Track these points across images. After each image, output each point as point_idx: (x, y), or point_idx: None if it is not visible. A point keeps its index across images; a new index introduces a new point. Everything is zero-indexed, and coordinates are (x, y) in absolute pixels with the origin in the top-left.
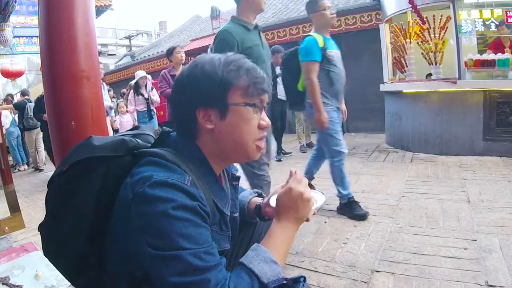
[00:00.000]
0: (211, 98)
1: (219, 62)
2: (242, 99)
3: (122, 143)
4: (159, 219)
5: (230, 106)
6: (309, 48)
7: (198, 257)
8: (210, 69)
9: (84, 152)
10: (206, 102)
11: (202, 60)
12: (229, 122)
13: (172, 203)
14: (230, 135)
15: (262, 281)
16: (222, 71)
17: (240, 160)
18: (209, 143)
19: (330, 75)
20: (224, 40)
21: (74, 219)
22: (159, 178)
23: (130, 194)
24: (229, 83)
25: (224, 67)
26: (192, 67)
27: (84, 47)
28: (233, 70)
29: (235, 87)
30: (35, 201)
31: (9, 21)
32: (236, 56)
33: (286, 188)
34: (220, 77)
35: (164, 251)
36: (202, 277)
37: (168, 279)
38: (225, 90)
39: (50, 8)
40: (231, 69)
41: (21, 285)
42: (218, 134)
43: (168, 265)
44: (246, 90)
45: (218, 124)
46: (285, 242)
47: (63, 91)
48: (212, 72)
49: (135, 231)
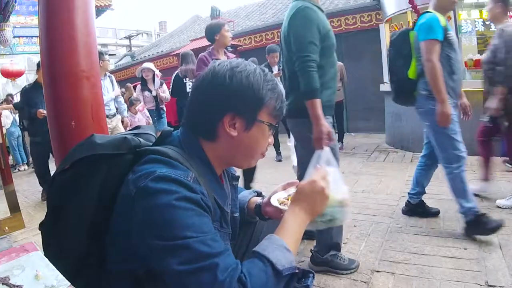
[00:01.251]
0: (245, 109)
1: (260, 76)
2: (268, 119)
3: (124, 141)
4: (163, 211)
5: (257, 122)
6: (431, 25)
7: (205, 244)
8: (255, 81)
9: (86, 150)
10: (239, 111)
11: (246, 68)
12: (251, 135)
13: (175, 194)
14: (247, 146)
15: (276, 267)
16: (263, 87)
17: (241, 166)
18: (222, 147)
19: (451, 62)
20: (307, 18)
21: (75, 218)
22: (162, 173)
23: (133, 189)
24: (265, 101)
25: (264, 84)
26: (237, 72)
27: (84, 47)
28: (270, 90)
29: (267, 106)
30: (35, 201)
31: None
32: (270, 75)
33: (310, 179)
34: (262, 93)
35: (171, 241)
36: (210, 261)
37: (177, 268)
38: (260, 106)
39: (50, 8)
40: (269, 88)
41: (21, 285)
42: (237, 142)
43: (176, 255)
44: (273, 111)
45: (240, 134)
46: (297, 232)
47: (63, 91)
48: (256, 85)
49: (140, 226)
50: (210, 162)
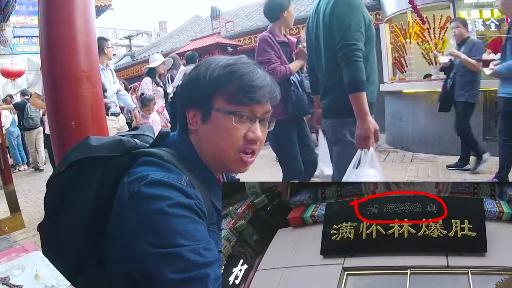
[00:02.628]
0: (196, 101)
1: (215, 65)
2: (226, 106)
3: (119, 144)
4: (156, 217)
5: (213, 111)
6: None
7: (197, 253)
8: (201, 71)
9: (81, 153)
10: (192, 104)
11: (203, 62)
12: (210, 127)
13: (168, 201)
14: (209, 140)
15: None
16: (210, 74)
17: (222, 170)
18: (196, 143)
19: None
20: (353, 4)
21: (72, 220)
22: (155, 177)
23: (127, 194)
24: (214, 87)
25: (216, 71)
26: (194, 68)
27: (84, 47)
28: (223, 75)
29: (221, 93)
30: (35, 201)
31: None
32: (239, 61)
33: None
34: (207, 81)
35: (163, 249)
36: (201, 272)
37: (168, 276)
38: (208, 94)
39: (50, 8)
40: (221, 73)
41: (21, 285)
42: (201, 136)
43: (167, 263)
44: (232, 97)
45: (201, 127)
46: None
47: (63, 91)
48: (202, 75)
49: (133, 230)
50: (205, 163)
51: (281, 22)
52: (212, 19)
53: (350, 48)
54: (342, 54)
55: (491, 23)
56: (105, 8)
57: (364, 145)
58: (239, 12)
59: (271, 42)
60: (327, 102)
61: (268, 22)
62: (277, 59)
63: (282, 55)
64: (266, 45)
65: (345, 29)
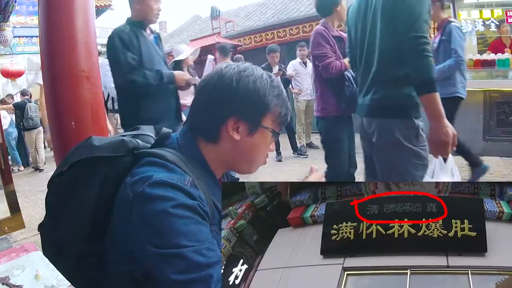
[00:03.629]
0: (250, 114)
1: (267, 82)
2: (272, 125)
3: (121, 144)
4: (159, 218)
5: (261, 127)
6: None
7: (200, 253)
8: (261, 87)
9: (83, 153)
10: (243, 115)
11: (253, 73)
12: (253, 140)
13: (171, 201)
14: (248, 151)
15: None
16: (269, 93)
17: (241, 171)
18: (224, 150)
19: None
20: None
21: (73, 220)
22: (159, 178)
23: (130, 194)
24: (271, 107)
25: (271, 89)
26: (244, 76)
27: (84, 47)
28: (276, 96)
29: (272, 112)
30: (35, 201)
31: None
32: (277, 81)
33: None
34: (268, 99)
35: (166, 249)
36: (204, 273)
37: (171, 277)
38: (265, 111)
39: (50, 8)
40: (275, 94)
41: (21, 285)
42: (239, 146)
43: (170, 263)
44: (277, 118)
45: (243, 138)
46: None
47: (63, 91)
48: (263, 91)
49: (136, 231)
50: (208, 165)
51: (334, 17)
52: (212, 19)
53: (420, 41)
54: (410, 48)
55: (491, 23)
56: (105, 8)
57: (442, 151)
58: (239, 12)
59: (327, 36)
60: (376, 99)
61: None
62: (333, 53)
63: (337, 50)
64: (321, 39)
65: (413, 19)
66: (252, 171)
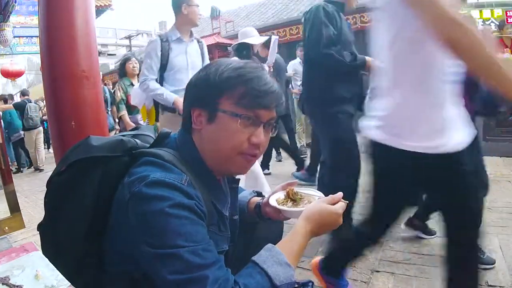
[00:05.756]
0: (203, 100)
1: (225, 67)
2: (232, 108)
3: (120, 143)
4: (156, 218)
5: (219, 112)
6: None
7: (196, 254)
8: (211, 72)
9: (81, 152)
10: (199, 103)
11: (213, 63)
12: (215, 128)
13: (168, 201)
14: (212, 140)
15: (274, 283)
16: (219, 76)
17: (222, 171)
18: (199, 143)
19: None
20: None
21: (72, 219)
22: (156, 178)
23: (127, 194)
24: (222, 89)
25: (226, 72)
26: (205, 67)
27: (84, 47)
28: (232, 77)
29: (228, 95)
30: (35, 201)
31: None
32: (248, 65)
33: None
34: (216, 82)
35: (162, 249)
36: (200, 273)
37: (167, 277)
38: (216, 95)
39: (50, 8)
40: (230, 75)
41: (21, 285)
42: (204, 137)
43: (167, 264)
44: (239, 100)
45: (205, 127)
46: (302, 248)
47: (63, 91)
48: (212, 76)
49: (133, 230)
50: (207, 165)
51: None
52: (212, 19)
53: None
54: None
55: (491, 23)
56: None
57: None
58: (239, 12)
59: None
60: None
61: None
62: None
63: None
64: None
65: None
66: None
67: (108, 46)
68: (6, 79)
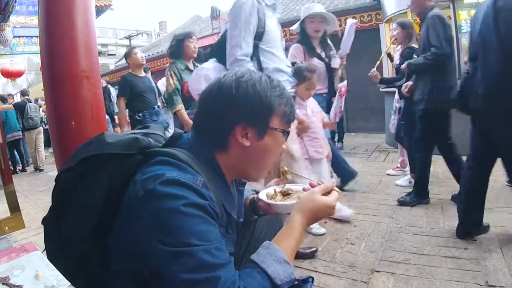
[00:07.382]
0: (256, 118)
1: (267, 84)
2: (280, 125)
3: (134, 142)
4: (170, 216)
5: (269, 130)
6: None
7: (210, 253)
8: (261, 89)
9: (95, 149)
10: (249, 120)
11: (251, 77)
12: (264, 144)
13: (183, 200)
14: (260, 155)
15: (275, 282)
16: (271, 94)
17: (251, 178)
18: (234, 157)
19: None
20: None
21: (80, 214)
22: (171, 177)
23: (140, 191)
24: (275, 107)
25: (271, 90)
26: (242, 82)
27: (84, 47)
28: (278, 96)
29: (277, 113)
30: (35, 201)
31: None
32: (276, 81)
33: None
34: (270, 100)
35: (175, 247)
36: (212, 274)
37: (179, 275)
38: (270, 113)
39: (50, 8)
40: (277, 94)
41: (21, 285)
42: (251, 152)
43: (179, 262)
44: (284, 117)
45: (253, 143)
46: (299, 242)
47: (63, 91)
48: (263, 93)
49: (146, 228)
50: (220, 166)
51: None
52: (212, 19)
53: None
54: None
55: None
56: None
57: None
58: None
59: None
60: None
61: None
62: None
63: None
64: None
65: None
66: (260, 178)
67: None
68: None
